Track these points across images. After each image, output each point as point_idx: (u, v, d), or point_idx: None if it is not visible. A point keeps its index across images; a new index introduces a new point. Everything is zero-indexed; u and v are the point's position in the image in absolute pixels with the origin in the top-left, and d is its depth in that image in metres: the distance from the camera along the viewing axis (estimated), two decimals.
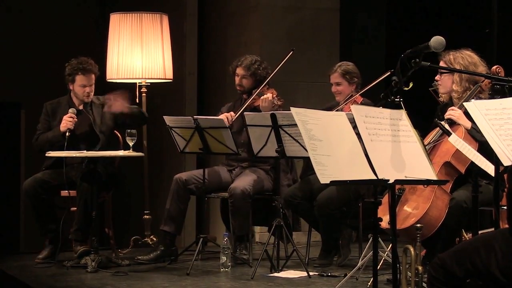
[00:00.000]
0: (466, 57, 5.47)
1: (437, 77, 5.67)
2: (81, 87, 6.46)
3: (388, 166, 3.93)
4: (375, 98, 5.14)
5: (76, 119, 6.37)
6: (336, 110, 6.17)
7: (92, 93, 6.53)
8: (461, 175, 5.36)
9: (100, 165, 6.25)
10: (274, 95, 6.50)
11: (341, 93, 6.47)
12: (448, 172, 5.34)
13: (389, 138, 3.98)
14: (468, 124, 5.24)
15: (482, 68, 5.45)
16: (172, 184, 6.54)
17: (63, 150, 6.20)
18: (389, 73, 6.05)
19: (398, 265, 4.15)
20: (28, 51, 9.07)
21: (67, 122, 6.33)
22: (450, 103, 5.57)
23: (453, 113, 5.34)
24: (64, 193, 6.41)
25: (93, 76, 6.50)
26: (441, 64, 5.49)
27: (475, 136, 5.15)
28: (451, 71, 5.49)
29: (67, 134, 6.27)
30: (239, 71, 6.71)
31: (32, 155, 6.90)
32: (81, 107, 6.54)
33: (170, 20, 7.31)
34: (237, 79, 6.72)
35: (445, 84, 5.61)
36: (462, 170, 5.33)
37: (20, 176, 7.62)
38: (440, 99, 5.72)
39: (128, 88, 6.82)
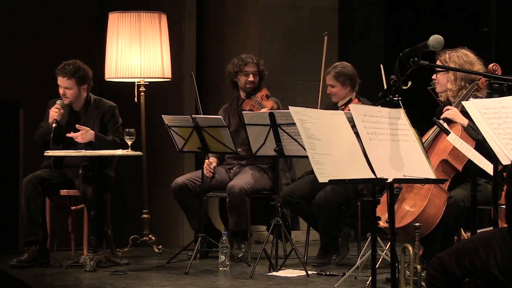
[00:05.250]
0: (462, 56, 5.45)
1: (433, 76, 5.67)
2: (59, 87, 6.38)
3: (387, 165, 3.93)
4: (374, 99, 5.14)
5: (62, 111, 6.32)
6: None
7: (71, 98, 6.36)
8: (460, 174, 5.36)
9: (96, 165, 6.23)
10: (275, 108, 6.50)
11: (335, 95, 6.45)
12: (445, 170, 5.33)
13: (387, 137, 3.97)
14: (465, 122, 5.23)
15: (478, 67, 5.44)
16: (172, 192, 6.58)
17: (50, 144, 6.17)
18: None
19: (396, 264, 4.15)
20: (27, 50, 9.07)
21: (53, 113, 6.29)
22: (448, 102, 5.57)
23: (449, 112, 5.34)
24: (64, 192, 6.43)
25: (67, 78, 6.32)
26: (438, 63, 5.48)
27: (471, 134, 5.14)
28: (448, 69, 5.49)
29: (53, 125, 6.24)
30: (250, 68, 6.66)
31: (31, 154, 6.88)
32: (77, 108, 6.48)
33: (169, 19, 7.30)
34: (249, 77, 6.64)
35: (441, 83, 5.61)
36: (459, 168, 5.31)
37: (19, 175, 7.60)
38: (440, 98, 5.71)
39: (127, 89, 6.80)
